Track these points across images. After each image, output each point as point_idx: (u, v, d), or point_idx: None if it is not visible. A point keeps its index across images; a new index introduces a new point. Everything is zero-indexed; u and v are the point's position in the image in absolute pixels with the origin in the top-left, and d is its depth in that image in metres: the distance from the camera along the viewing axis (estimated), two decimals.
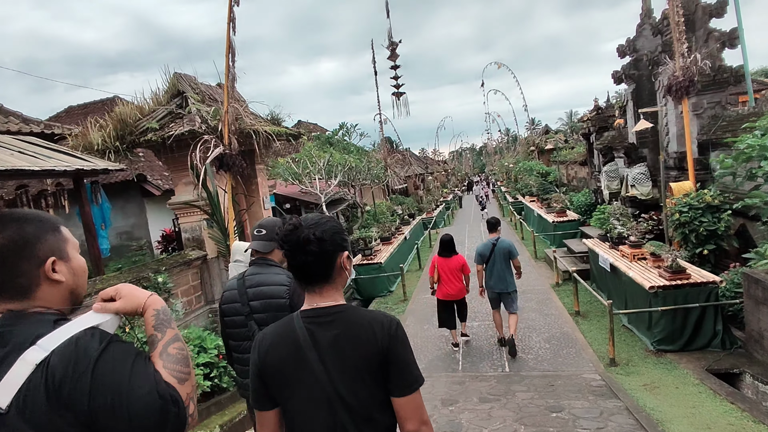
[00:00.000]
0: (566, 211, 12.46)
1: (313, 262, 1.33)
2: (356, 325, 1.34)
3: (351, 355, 1.31)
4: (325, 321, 1.35)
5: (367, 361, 1.31)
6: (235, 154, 6.14)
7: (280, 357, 1.34)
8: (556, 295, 8.33)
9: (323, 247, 1.32)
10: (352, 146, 12.24)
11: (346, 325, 1.34)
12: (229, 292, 2.52)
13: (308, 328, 1.34)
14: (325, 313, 1.35)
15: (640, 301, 5.94)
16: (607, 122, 14.06)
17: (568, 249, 10.28)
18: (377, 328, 1.33)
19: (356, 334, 1.33)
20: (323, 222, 1.37)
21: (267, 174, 10.75)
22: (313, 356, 1.31)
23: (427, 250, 14.78)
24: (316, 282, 1.37)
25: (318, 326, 1.34)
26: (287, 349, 1.34)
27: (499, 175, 37.82)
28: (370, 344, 1.31)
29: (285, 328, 1.38)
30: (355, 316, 1.37)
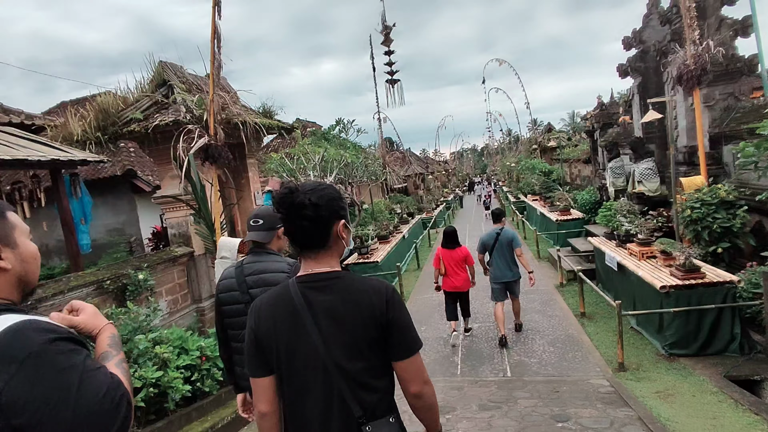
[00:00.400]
0: (570, 209, 12.10)
1: (308, 227, 1.30)
2: (353, 291, 1.32)
3: (348, 321, 1.29)
4: (320, 286, 1.33)
5: (365, 327, 1.29)
6: (221, 145, 5.81)
7: (275, 321, 1.32)
8: (561, 296, 7.98)
9: (319, 213, 1.30)
10: (349, 142, 11.89)
11: (343, 291, 1.32)
12: (227, 281, 2.44)
13: (303, 293, 1.32)
14: (321, 278, 1.33)
15: (649, 301, 5.59)
16: (612, 119, 13.70)
17: (573, 248, 9.92)
18: (374, 294, 1.32)
19: (353, 300, 1.31)
20: (320, 188, 1.34)
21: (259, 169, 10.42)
22: (309, 321, 1.29)
23: (426, 249, 14.44)
24: (311, 247, 1.34)
25: (314, 291, 1.32)
26: (283, 313, 1.33)
27: (501, 175, 37.46)
28: (368, 310, 1.30)
29: (281, 293, 1.36)
30: (352, 282, 1.35)
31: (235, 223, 8.30)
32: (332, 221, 1.34)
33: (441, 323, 7.29)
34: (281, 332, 1.32)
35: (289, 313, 1.32)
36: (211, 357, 5.06)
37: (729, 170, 7.17)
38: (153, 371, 4.16)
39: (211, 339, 5.28)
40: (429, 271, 11.25)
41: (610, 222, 7.58)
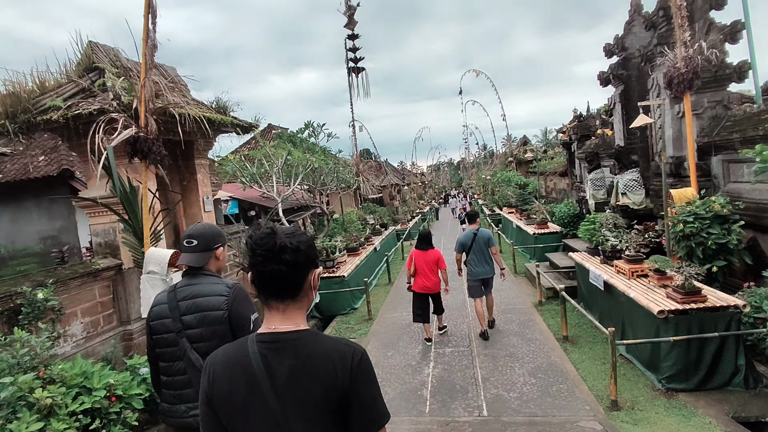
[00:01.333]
0: (547, 222, 11.59)
1: (284, 272, 1.20)
2: (316, 356, 1.20)
3: (308, 389, 1.18)
4: (282, 348, 1.21)
5: (326, 397, 1.17)
6: (152, 139, 4.91)
7: (230, 385, 1.21)
8: (540, 316, 7.31)
9: (298, 258, 1.22)
10: (318, 147, 11.08)
11: (305, 355, 1.20)
12: (158, 307, 2.24)
13: (263, 355, 1.20)
14: (284, 338, 1.22)
15: (642, 327, 4.95)
16: (590, 130, 13.37)
17: (551, 263, 9.34)
18: (338, 360, 1.20)
19: (315, 366, 1.19)
20: (299, 233, 1.27)
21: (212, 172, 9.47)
22: (267, 388, 1.18)
23: (399, 263, 13.66)
24: (281, 297, 1.24)
25: (274, 354, 1.21)
26: (239, 377, 1.21)
27: (477, 188, 37.29)
28: (330, 378, 1.18)
29: (237, 352, 1.24)
30: (316, 344, 1.23)
31: (180, 233, 7.33)
32: (309, 268, 1.26)
33: (410, 347, 6.50)
34: (236, 398, 1.21)
35: (246, 378, 1.21)
36: (124, 396, 4.11)
37: (718, 183, 6.71)
38: (29, 424, 3.20)
39: (126, 374, 4.33)
40: (401, 286, 10.46)
41: (594, 236, 7.00)
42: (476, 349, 6.13)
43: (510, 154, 23.18)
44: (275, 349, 1.21)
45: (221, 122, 7.00)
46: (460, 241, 6.70)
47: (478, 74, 24.40)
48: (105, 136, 4.70)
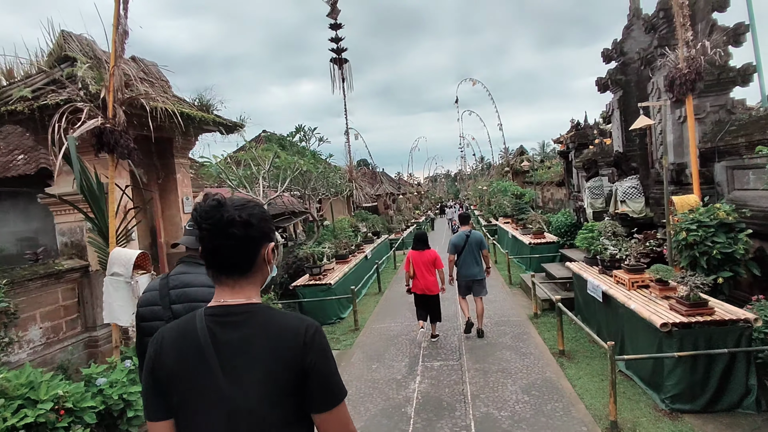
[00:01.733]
0: (544, 232, 11.27)
1: (233, 247, 1.13)
2: (267, 330, 1.14)
3: (257, 364, 1.11)
4: (231, 321, 1.14)
5: (276, 373, 1.11)
6: (120, 131, 4.58)
7: (176, 361, 1.15)
8: (535, 329, 6.94)
9: (248, 233, 1.14)
10: (308, 151, 10.77)
11: (256, 329, 1.14)
12: (149, 293, 2.19)
13: (210, 329, 1.14)
14: (233, 312, 1.15)
15: (643, 341, 4.60)
16: (588, 139, 13.14)
17: (548, 274, 8.99)
18: (291, 334, 1.14)
19: (266, 340, 1.13)
20: (251, 205, 1.18)
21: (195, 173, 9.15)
22: (214, 362, 1.11)
23: (390, 272, 13.29)
24: (231, 272, 1.16)
25: (222, 327, 1.14)
26: (185, 351, 1.15)
27: (473, 199, 37.04)
28: (281, 352, 1.12)
29: (185, 326, 1.18)
30: (268, 318, 1.16)
31: (158, 234, 6.98)
32: (262, 243, 1.18)
33: (397, 360, 6.11)
34: (182, 372, 1.13)
35: (193, 351, 1.13)
36: (75, 409, 3.72)
37: (722, 190, 6.42)
38: None
39: (79, 384, 3.94)
40: (391, 296, 10.09)
41: (592, 245, 6.67)
42: (466, 364, 5.75)
43: (506, 164, 22.96)
44: (223, 322, 1.15)
45: (202, 120, 6.68)
46: (453, 243, 6.77)
47: (474, 83, 24.32)
48: (69, 127, 4.36)
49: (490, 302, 8.70)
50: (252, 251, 1.17)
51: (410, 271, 6.51)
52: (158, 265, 7.01)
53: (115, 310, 4.60)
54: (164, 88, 7.00)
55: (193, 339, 1.14)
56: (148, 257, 4.81)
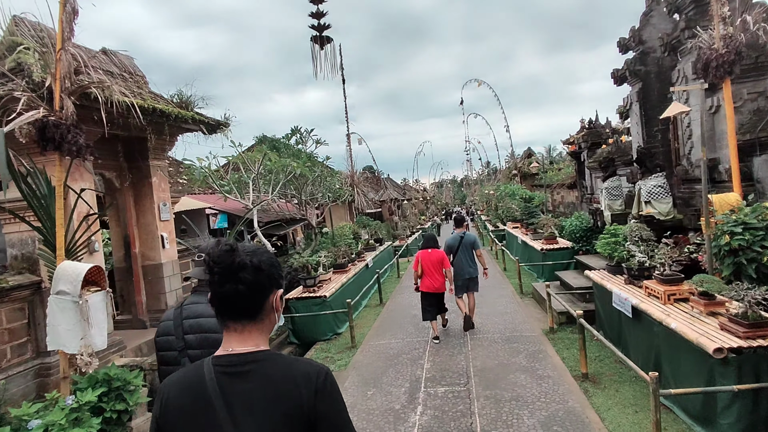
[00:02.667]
0: (556, 237, 10.50)
1: (243, 293, 1.12)
2: (277, 378, 1.11)
3: (269, 415, 1.07)
4: (240, 371, 1.11)
5: (289, 424, 1.07)
6: (68, 124, 3.93)
7: (183, 413, 1.11)
8: (552, 347, 6.17)
9: (258, 278, 1.13)
10: (304, 154, 10.13)
11: (265, 378, 1.11)
12: (165, 323, 2.22)
13: (219, 380, 1.10)
14: (242, 361, 1.12)
15: (688, 366, 3.84)
16: (601, 137, 12.40)
17: (563, 283, 8.22)
18: (302, 381, 1.11)
19: (276, 390, 1.09)
20: (261, 251, 1.19)
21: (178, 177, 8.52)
22: (223, 414, 1.06)
23: (393, 281, 12.55)
24: (240, 318, 1.14)
25: (231, 378, 1.10)
26: (193, 403, 1.10)
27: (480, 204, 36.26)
28: (293, 402, 1.09)
29: (192, 376, 1.14)
30: (277, 366, 1.13)
31: (131, 244, 6.33)
32: (270, 289, 1.17)
33: (396, 385, 5.38)
34: (190, 426, 1.10)
35: (200, 405, 1.09)
36: None
37: (763, 188, 5.66)
38: None
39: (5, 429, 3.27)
40: (393, 308, 9.36)
41: (616, 252, 5.92)
42: (475, 390, 5.01)
43: (514, 166, 22.18)
44: (232, 372, 1.11)
45: (179, 117, 6.05)
46: (448, 243, 7.13)
47: (479, 84, 23.62)
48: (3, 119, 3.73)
49: (500, 314, 7.95)
50: (261, 297, 1.16)
51: (419, 271, 6.74)
52: (132, 279, 6.36)
53: (60, 335, 3.94)
54: (140, 84, 6.39)
55: (201, 390, 1.10)
56: (102, 272, 4.15)
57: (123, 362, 5.02)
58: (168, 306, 6.39)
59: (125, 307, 6.47)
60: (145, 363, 4.95)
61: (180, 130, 6.54)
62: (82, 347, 3.95)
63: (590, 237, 9.22)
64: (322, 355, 6.88)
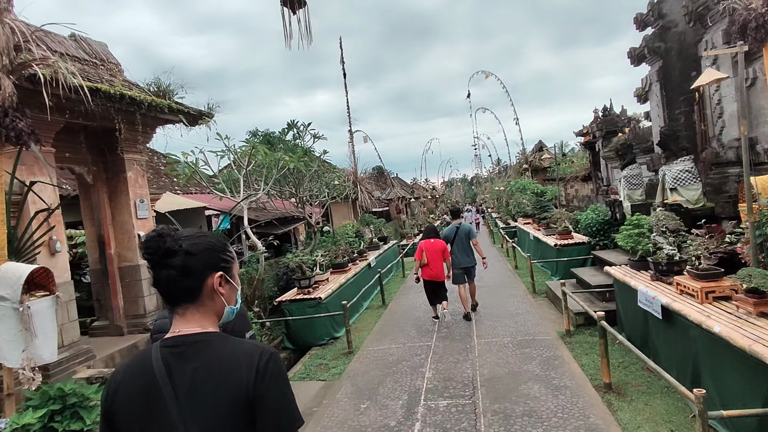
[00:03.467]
0: (571, 232, 9.81)
1: (175, 277, 1.12)
2: (222, 359, 1.09)
3: (212, 395, 1.06)
4: (185, 351, 1.09)
5: (231, 403, 1.05)
6: (7, 107, 3.43)
7: (129, 396, 1.09)
8: (569, 352, 5.53)
9: (188, 262, 1.12)
10: (300, 148, 9.59)
11: (209, 358, 1.08)
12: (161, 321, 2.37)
13: (165, 360, 1.08)
14: (187, 341, 1.10)
15: (735, 378, 3.19)
16: (616, 125, 11.68)
17: (579, 281, 7.55)
18: (245, 361, 1.08)
19: (220, 369, 1.07)
20: (197, 235, 1.17)
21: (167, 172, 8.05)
22: (170, 396, 1.05)
23: (398, 281, 11.96)
24: (179, 302, 1.14)
25: (176, 358, 1.09)
26: (139, 386, 1.09)
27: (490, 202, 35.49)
28: (236, 381, 1.06)
29: (141, 359, 1.13)
30: (222, 347, 1.11)
31: (106, 245, 5.84)
32: (205, 273, 1.14)
33: (393, 397, 4.80)
34: (135, 408, 1.08)
35: (147, 387, 1.08)
36: None
37: None
38: None
39: None
40: (396, 310, 8.78)
41: (640, 245, 5.26)
42: (482, 403, 4.40)
43: (525, 161, 21.41)
44: (178, 353, 1.09)
45: (153, 106, 5.55)
46: (444, 234, 7.46)
47: (487, 76, 22.89)
48: None
49: (511, 316, 7.32)
50: (196, 280, 1.13)
51: (422, 259, 7.06)
52: (108, 282, 5.88)
53: (1, 347, 3.44)
54: (113, 72, 5.92)
55: (148, 373, 1.08)
56: (50, 275, 3.64)
57: (87, 374, 4.53)
58: (147, 311, 5.90)
59: (102, 312, 5.99)
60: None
61: (158, 121, 6.05)
62: (25, 360, 3.45)
63: (608, 231, 8.52)
64: (315, 362, 6.33)
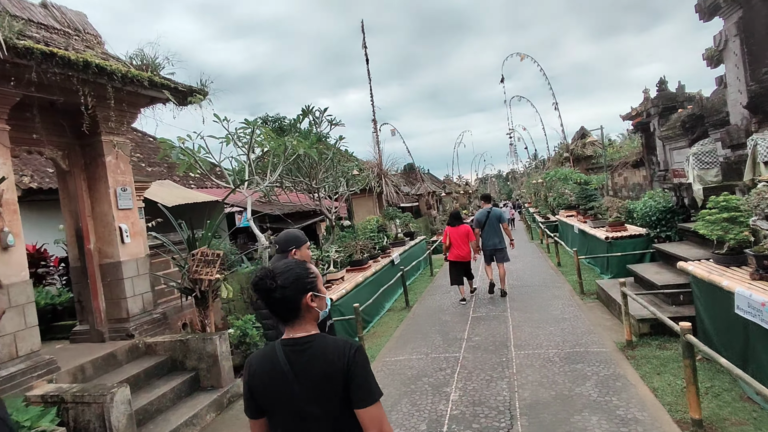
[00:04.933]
0: (624, 223, 8.49)
1: (279, 304, 1.57)
2: (324, 353, 1.55)
3: (318, 376, 1.53)
4: (299, 349, 1.57)
5: (332, 383, 1.52)
6: None
7: (264, 378, 1.58)
8: (634, 370, 4.37)
9: (285, 294, 1.56)
10: (313, 134, 8.74)
11: (315, 352, 1.56)
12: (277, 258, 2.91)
13: (286, 354, 1.57)
14: (299, 342, 1.58)
15: None
16: (676, 100, 10.17)
17: (639, 279, 6.30)
18: (339, 353, 1.55)
19: (322, 359, 1.54)
20: (287, 270, 1.60)
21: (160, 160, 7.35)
22: (291, 377, 1.53)
23: (425, 280, 10.93)
24: (287, 319, 1.60)
25: (293, 353, 1.56)
26: (270, 370, 1.57)
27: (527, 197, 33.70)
28: (333, 367, 1.53)
29: (269, 354, 1.61)
30: (323, 344, 1.58)
31: (85, 239, 5.16)
32: (299, 297, 1.58)
33: (406, 428, 3.81)
34: (269, 386, 1.57)
35: (274, 371, 1.56)
36: None
37: None
38: None
39: None
40: (421, 313, 7.78)
41: (731, 232, 4.03)
42: None
43: (565, 149, 19.76)
44: (294, 350, 1.57)
45: (128, 77, 4.80)
46: (477, 218, 8.10)
47: (522, 57, 21.31)
48: None
49: (555, 321, 6.18)
50: (292, 305, 1.58)
51: (447, 242, 7.88)
52: (88, 281, 5.20)
53: None
54: (90, 44, 5.23)
55: (275, 363, 1.57)
56: None
57: (44, 391, 3.81)
58: (130, 314, 5.18)
59: (83, 315, 5.33)
60: (70, 393, 3.69)
61: (140, 98, 5.32)
62: None
63: (671, 219, 7.19)
64: None
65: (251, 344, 6.01)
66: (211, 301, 5.42)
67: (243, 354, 6.05)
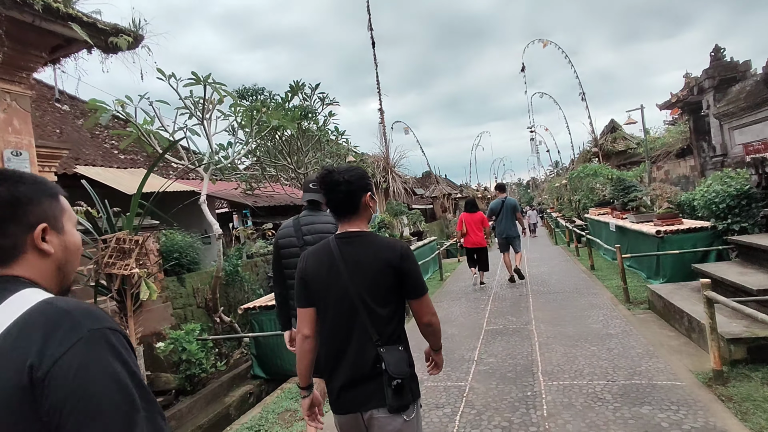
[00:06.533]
0: (678, 215, 6.84)
1: (342, 199, 1.72)
2: (374, 245, 1.71)
3: (369, 266, 1.67)
4: (351, 241, 1.72)
5: (382, 273, 1.66)
6: None
7: (317, 266, 1.72)
8: (738, 421, 2.79)
9: (350, 188, 1.71)
10: (296, 108, 7.41)
11: (367, 245, 1.71)
12: (286, 229, 2.96)
13: (338, 246, 1.72)
14: (351, 236, 1.74)
15: None
16: (736, 70, 8.48)
17: (716, 282, 4.66)
18: (391, 247, 1.71)
19: (374, 251, 1.69)
20: (352, 168, 1.78)
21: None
22: (342, 266, 1.68)
23: (435, 284, 9.40)
24: (345, 214, 1.75)
25: (346, 245, 1.72)
26: (323, 260, 1.72)
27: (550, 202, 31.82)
28: (385, 260, 1.67)
29: (323, 245, 1.77)
30: (374, 239, 1.75)
31: None
32: (361, 194, 1.74)
33: None
34: (321, 274, 1.70)
35: (328, 261, 1.71)
36: None
37: None
38: None
39: None
40: None
41: None
42: None
43: (594, 143, 17.96)
44: (347, 242, 1.72)
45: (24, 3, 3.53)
46: (491, 208, 8.36)
47: (545, 44, 19.64)
48: None
49: (597, 338, 4.60)
50: (356, 198, 1.73)
51: (463, 229, 8.05)
52: None
53: None
54: None
55: (328, 253, 1.71)
56: None
57: None
58: None
59: None
60: None
61: (46, 36, 4.05)
62: None
63: (748, 207, 5.55)
64: (282, 405, 3.99)
65: (193, 362, 4.64)
66: (130, 303, 4.06)
67: (184, 375, 4.68)
